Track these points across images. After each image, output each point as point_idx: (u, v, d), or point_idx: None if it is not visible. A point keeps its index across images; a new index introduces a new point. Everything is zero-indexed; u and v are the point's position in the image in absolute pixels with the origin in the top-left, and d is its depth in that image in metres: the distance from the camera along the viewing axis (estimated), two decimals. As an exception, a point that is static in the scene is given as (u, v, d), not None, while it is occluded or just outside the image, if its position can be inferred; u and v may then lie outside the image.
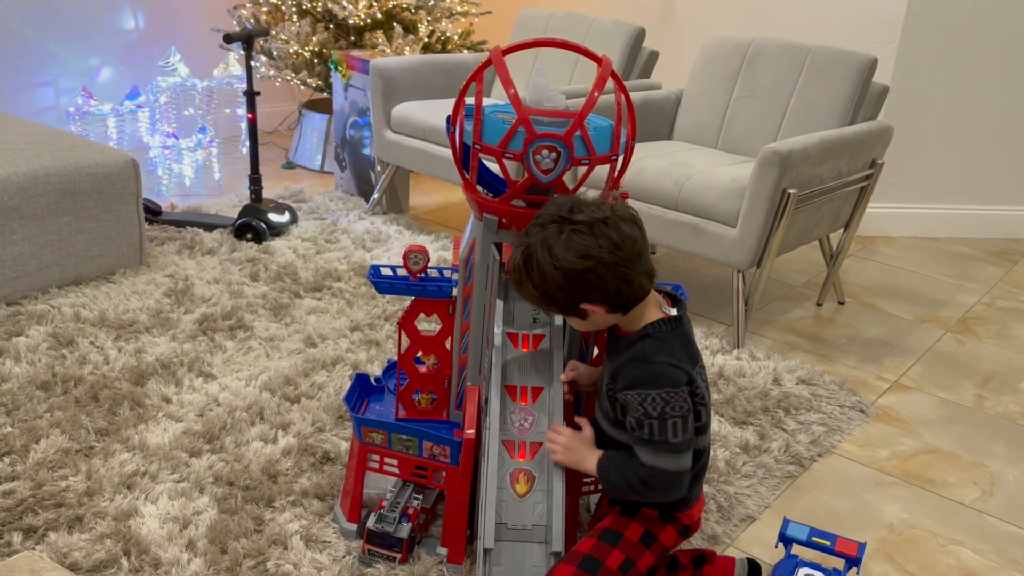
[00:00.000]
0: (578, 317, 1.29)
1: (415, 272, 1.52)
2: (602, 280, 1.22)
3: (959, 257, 3.45)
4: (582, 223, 1.23)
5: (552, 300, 1.27)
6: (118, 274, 2.60)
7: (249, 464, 1.76)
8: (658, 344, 1.27)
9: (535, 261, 1.24)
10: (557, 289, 1.24)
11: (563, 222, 1.24)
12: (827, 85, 2.70)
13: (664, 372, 1.25)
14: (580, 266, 1.22)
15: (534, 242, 1.25)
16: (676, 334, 1.29)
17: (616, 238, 1.23)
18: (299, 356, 2.22)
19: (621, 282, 1.23)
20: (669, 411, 1.24)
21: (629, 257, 1.23)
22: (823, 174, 2.44)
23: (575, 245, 1.22)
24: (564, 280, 1.23)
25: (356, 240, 3.05)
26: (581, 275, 1.22)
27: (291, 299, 2.54)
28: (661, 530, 1.36)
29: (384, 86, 3.19)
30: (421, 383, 1.59)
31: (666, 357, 1.26)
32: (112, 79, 3.94)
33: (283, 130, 4.56)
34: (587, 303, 1.25)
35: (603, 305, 1.25)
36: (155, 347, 2.21)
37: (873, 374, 2.44)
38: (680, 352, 1.28)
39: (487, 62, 1.37)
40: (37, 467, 1.70)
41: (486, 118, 1.34)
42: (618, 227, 1.24)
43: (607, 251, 1.22)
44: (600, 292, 1.24)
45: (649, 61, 3.27)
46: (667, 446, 1.25)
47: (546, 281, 1.24)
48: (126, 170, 2.56)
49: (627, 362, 1.28)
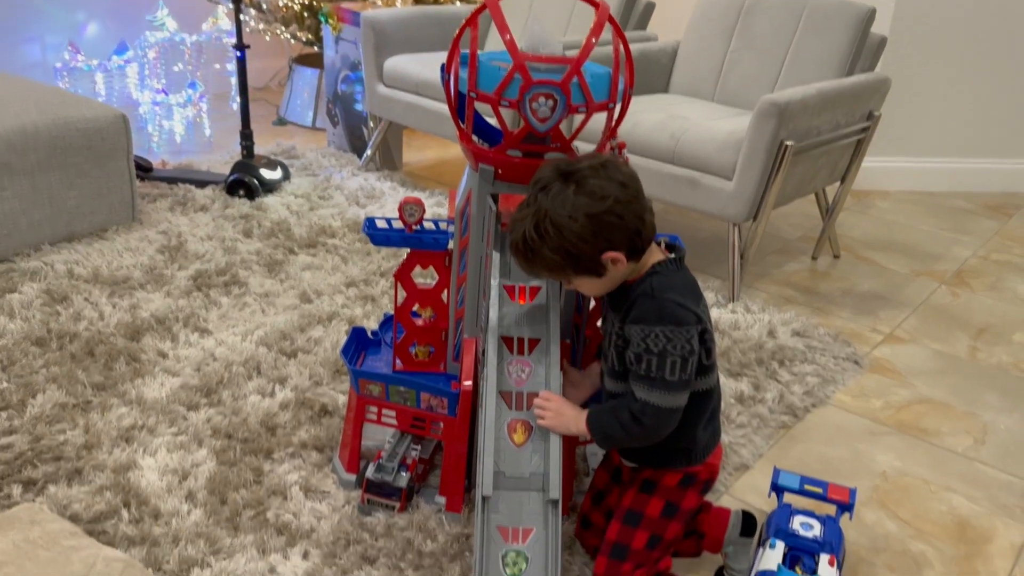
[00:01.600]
0: (596, 274, 1.26)
1: (411, 224, 1.51)
2: (622, 219, 1.21)
3: (955, 211, 3.44)
4: (586, 169, 1.22)
5: (574, 259, 1.23)
6: (110, 231, 2.58)
7: (247, 417, 1.77)
8: (665, 280, 1.27)
9: (549, 222, 1.21)
10: (580, 242, 1.21)
11: (565, 176, 1.22)
12: (825, 36, 2.67)
13: (671, 310, 1.24)
14: (599, 208, 1.20)
15: (542, 205, 1.22)
16: (681, 273, 1.29)
17: (621, 177, 1.22)
18: (295, 312, 2.21)
19: (637, 219, 1.22)
20: (670, 349, 1.23)
21: (637, 193, 1.23)
22: (820, 126, 2.42)
23: (588, 189, 1.20)
24: (585, 229, 1.20)
25: (350, 197, 3.03)
26: (601, 218, 1.20)
27: (285, 255, 2.53)
28: (682, 498, 1.38)
29: (376, 39, 3.15)
30: (418, 336, 1.58)
31: (673, 295, 1.25)
32: (99, 34, 3.87)
33: (273, 86, 4.50)
34: (611, 250, 1.22)
35: (624, 249, 1.23)
36: (150, 303, 2.20)
37: (868, 326, 2.45)
38: (686, 291, 1.28)
39: (482, 7, 1.34)
40: (35, 421, 1.70)
41: (482, 65, 1.32)
42: (618, 167, 1.23)
43: (617, 190, 1.21)
44: (622, 234, 1.22)
45: (645, 13, 3.22)
46: (663, 383, 1.24)
47: (565, 237, 1.21)
48: (116, 125, 2.53)
49: (637, 298, 1.28)
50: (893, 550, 1.61)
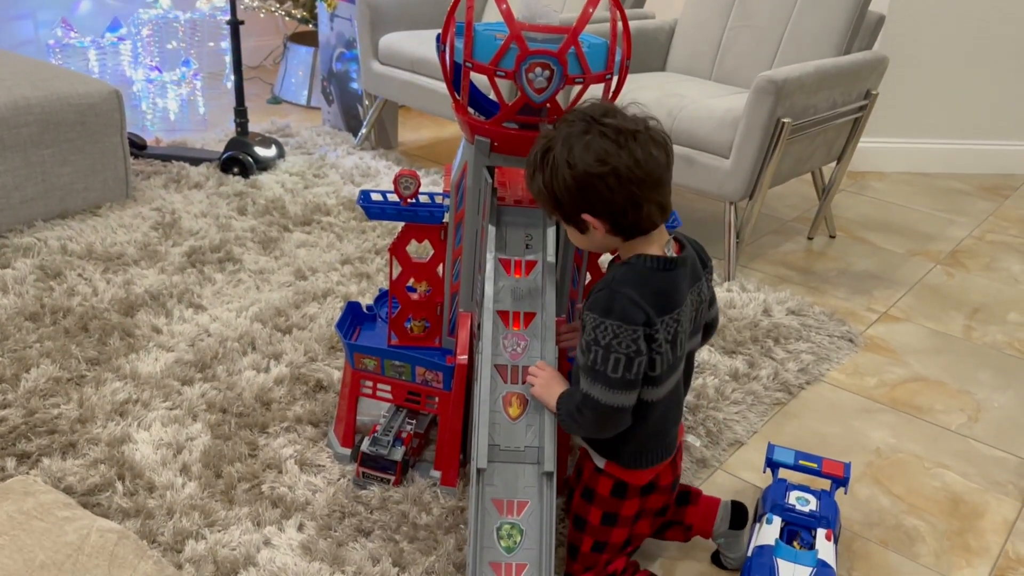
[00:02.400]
0: (577, 229, 1.24)
1: (406, 197, 1.50)
2: (611, 193, 1.17)
3: (951, 192, 3.44)
4: (610, 127, 1.17)
5: (557, 202, 1.21)
6: (104, 207, 2.56)
7: (242, 392, 1.77)
8: (631, 276, 1.21)
9: (552, 156, 1.19)
10: (564, 191, 1.19)
11: (591, 122, 1.18)
12: (822, 14, 2.66)
13: (621, 305, 1.19)
14: (594, 170, 1.16)
15: (556, 136, 1.20)
16: (658, 275, 1.21)
17: (640, 155, 1.16)
18: (289, 289, 2.21)
19: (629, 203, 1.17)
20: (615, 344, 1.18)
21: (646, 179, 1.17)
22: (817, 104, 2.42)
23: (595, 147, 1.16)
24: (573, 182, 1.17)
25: (345, 175, 3.02)
26: (591, 181, 1.17)
27: (280, 233, 2.52)
28: (619, 507, 1.34)
29: (371, 15, 3.12)
30: (413, 310, 1.58)
31: (631, 290, 1.19)
32: (92, 11, 3.83)
33: (268, 64, 4.47)
34: (590, 214, 1.19)
35: (605, 222, 1.20)
36: (144, 279, 2.19)
37: (863, 305, 2.45)
38: (650, 294, 1.20)
39: (478, -22, 1.33)
40: (28, 395, 1.70)
41: (477, 35, 1.31)
42: (646, 144, 1.17)
43: (625, 164, 1.16)
44: (605, 206, 1.18)
45: (642, -9, 3.20)
46: (604, 378, 1.20)
47: (556, 179, 1.19)
48: (109, 101, 2.51)
49: (600, 283, 1.26)
50: (886, 525, 1.62)
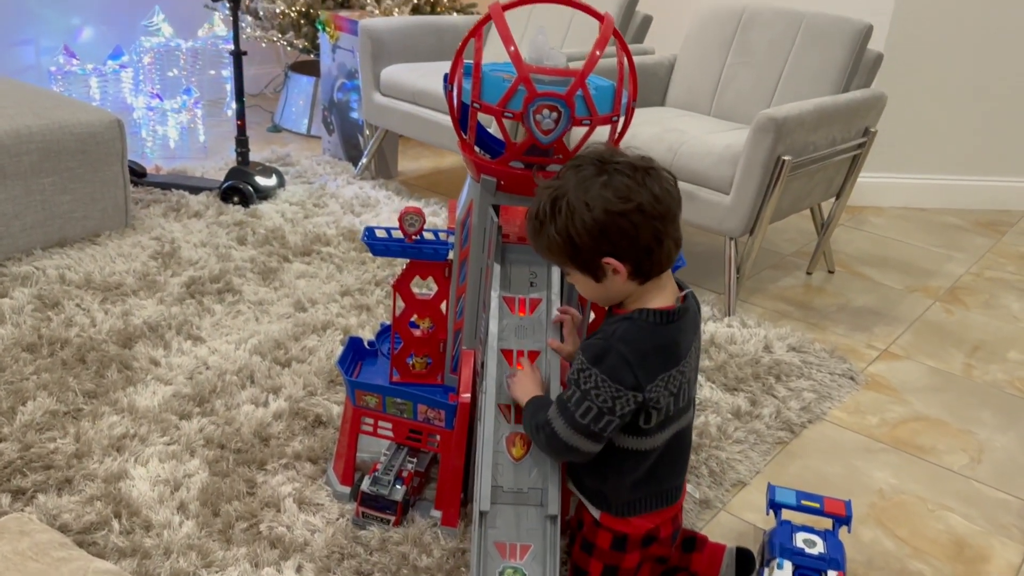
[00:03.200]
0: (593, 276, 1.20)
1: (411, 234, 1.50)
2: (636, 230, 1.14)
3: (948, 228, 3.46)
4: (624, 165, 1.16)
5: (574, 249, 1.17)
6: (103, 236, 2.56)
7: (240, 427, 1.75)
8: (631, 332, 1.19)
9: (565, 201, 1.16)
10: (585, 234, 1.15)
11: (602, 164, 1.17)
12: (822, 52, 2.68)
13: (612, 361, 1.17)
14: (617, 208, 1.13)
15: (566, 183, 1.17)
16: (661, 331, 1.20)
17: (658, 190, 1.15)
18: (289, 320, 2.19)
19: (653, 239, 1.16)
20: (593, 394, 1.18)
21: (666, 214, 1.16)
22: (817, 141, 2.43)
23: (616, 184, 1.14)
24: (595, 224, 1.14)
25: (345, 205, 3.02)
26: (615, 220, 1.14)
27: (280, 263, 2.51)
28: (620, 560, 1.32)
29: (373, 48, 3.14)
30: (416, 347, 1.57)
31: (627, 350, 1.17)
32: (94, 38, 3.85)
33: (268, 93, 4.49)
34: (613, 257, 1.16)
35: (628, 263, 1.17)
36: (142, 310, 2.18)
37: (863, 342, 2.45)
38: (650, 352, 1.18)
39: (486, 18, 1.34)
40: (24, 429, 1.68)
41: (485, 76, 1.32)
42: (660, 178, 1.17)
43: (647, 199, 1.14)
44: (630, 245, 1.15)
45: (642, 26, 3.23)
46: (571, 417, 1.20)
47: (574, 224, 1.15)
48: (111, 130, 2.51)
49: (599, 331, 1.24)
50: (891, 569, 1.60)
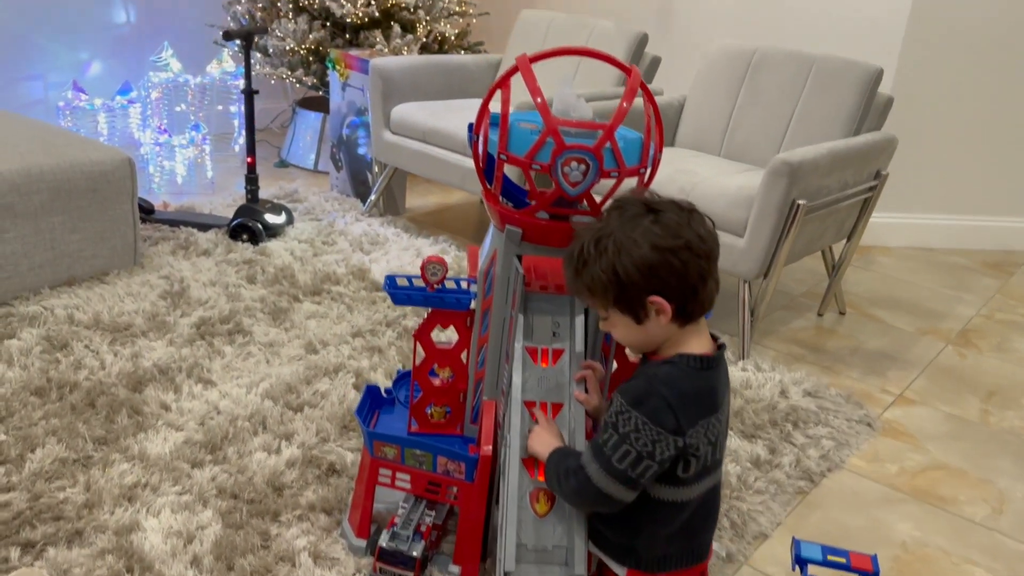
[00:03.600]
0: (635, 317, 1.18)
1: (433, 283, 1.48)
2: (685, 268, 1.14)
3: (955, 268, 3.45)
4: (670, 207, 1.17)
5: (620, 287, 1.15)
6: (112, 275, 2.54)
7: (253, 476, 1.72)
8: (675, 376, 1.18)
9: (612, 240, 1.16)
10: (634, 272, 1.14)
11: (647, 204, 1.18)
12: (832, 95, 2.69)
13: (654, 405, 1.15)
14: (668, 244, 1.13)
15: (610, 223, 1.17)
16: (702, 376, 1.19)
17: (703, 230, 1.17)
18: (300, 363, 2.17)
19: (699, 278, 1.15)
20: (633, 438, 1.15)
21: (710, 253, 1.17)
22: (830, 185, 2.43)
23: (664, 222, 1.15)
24: (644, 260, 1.14)
25: (354, 242, 3.01)
26: (665, 256, 1.14)
27: (290, 303, 2.49)
28: None
29: (384, 86, 3.15)
30: (435, 396, 1.55)
31: (669, 393, 1.15)
32: (103, 74, 3.86)
33: (275, 128, 4.49)
34: (659, 295, 1.15)
35: (674, 302, 1.16)
36: (152, 352, 2.15)
37: (877, 387, 2.43)
38: (691, 398, 1.17)
39: (514, 69, 1.33)
40: (34, 478, 1.65)
41: (512, 128, 1.31)
42: (703, 221, 1.18)
43: (694, 238, 1.15)
44: (678, 283, 1.15)
45: (651, 67, 3.24)
46: (607, 462, 1.17)
47: (622, 259, 1.14)
48: (122, 168, 2.50)
49: (639, 374, 1.23)
50: (918, 626, 1.57)
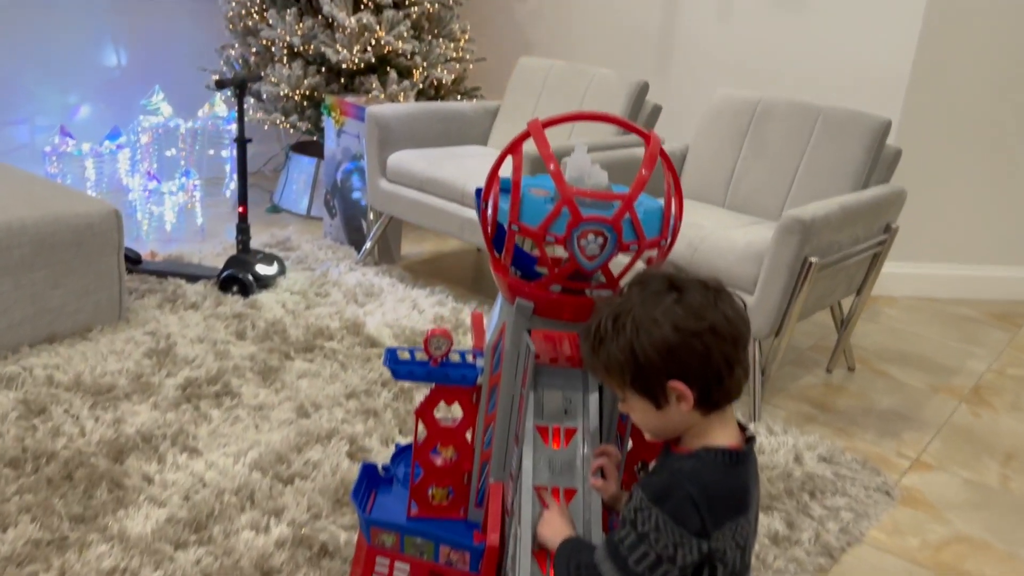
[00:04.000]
0: (654, 402, 1.09)
1: (436, 358, 1.38)
2: (708, 352, 1.05)
3: (962, 320, 3.38)
4: (696, 286, 1.08)
5: (638, 369, 1.07)
6: (95, 331, 2.43)
7: (240, 559, 1.60)
8: (700, 471, 1.08)
9: (631, 317, 1.07)
10: (653, 353, 1.05)
11: (671, 281, 1.09)
12: (840, 147, 2.63)
13: (677, 504, 1.05)
14: (690, 326, 1.05)
15: (630, 300, 1.09)
16: (728, 471, 1.09)
17: (730, 312, 1.08)
18: (291, 427, 2.06)
19: (724, 364, 1.06)
20: (653, 538, 1.05)
21: (738, 337, 1.07)
22: (841, 240, 2.36)
23: (688, 302, 1.06)
24: (664, 342, 1.05)
25: (348, 294, 2.91)
26: (687, 339, 1.05)
27: (281, 361, 2.38)
28: None
29: (380, 134, 3.08)
30: (437, 477, 1.44)
31: (695, 491, 1.05)
32: (91, 118, 3.78)
33: (267, 172, 4.41)
34: (680, 380, 1.06)
35: (696, 388, 1.06)
36: (135, 416, 2.04)
37: (893, 450, 2.34)
38: (719, 498, 1.06)
39: (525, 134, 1.25)
40: (4, 563, 1.53)
41: (525, 197, 1.23)
42: (732, 302, 1.09)
43: (720, 320, 1.06)
44: (700, 368, 1.06)
45: (652, 115, 3.19)
46: (623, 563, 1.07)
47: (640, 339, 1.06)
48: (108, 221, 2.41)
49: (661, 467, 1.14)
50: None
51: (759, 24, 3.56)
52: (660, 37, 3.86)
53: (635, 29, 3.91)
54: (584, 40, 4.06)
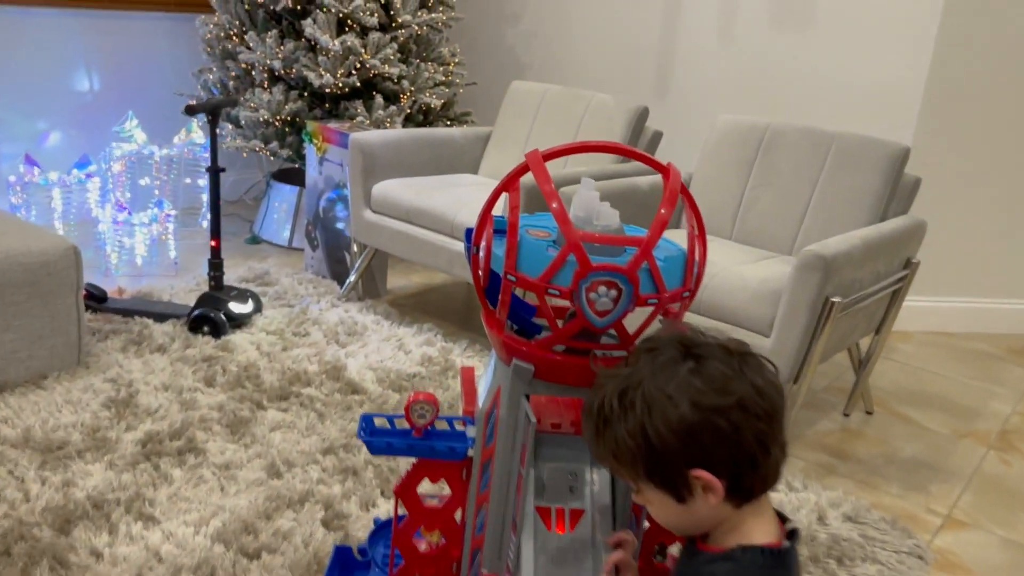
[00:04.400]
0: (675, 494, 0.90)
1: (420, 427, 1.19)
2: (737, 433, 0.87)
3: (980, 356, 3.20)
4: (717, 351, 0.90)
5: (653, 455, 0.88)
6: (51, 378, 2.22)
7: (195, 653, 1.39)
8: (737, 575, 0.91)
9: (640, 393, 0.88)
10: (669, 435, 0.87)
11: (686, 347, 0.91)
12: (855, 176, 2.46)
13: None
14: (712, 402, 0.86)
15: (639, 371, 0.90)
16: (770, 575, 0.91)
17: (760, 381, 0.89)
18: (260, 490, 1.85)
19: (757, 445, 0.88)
20: None
21: (772, 413, 0.89)
22: (863, 278, 2.18)
23: (708, 373, 0.88)
24: (682, 422, 0.86)
25: (328, 333, 2.71)
26: (709, 418, 0.86)
27: (252, 411, 2.18)
28: None
29: (364, 162, 2.89)
30: (420, 566, 1.24)
31: None
32: (61, 145, 3.59)
33: (248, 200, 4.22)
34: (705, 468, 0.88)
35: (725, 477, 0.88)
36: (87, 478, 1.83)
37: (921, 505, 2.15)
38: None
39: (523, 168, 1.07)
40: (-85, 665, 1.32)
41: (524, 242, 1.04)
42: (761, 367, 0.91)
43: (748, 393, 0.88)
44: (729, 452, 0.87)
45: (652, 142, 3.02)
46: None
47: (653, 421, 0.87)
48: (66, 258, 2.21)
49: (689, 571, 0.96)
50: None
51: (761, 45, 3.41)
52: (658, 59, 3.71)
53: (632, 51, 3.75)
54: (579, 63, 3.91)
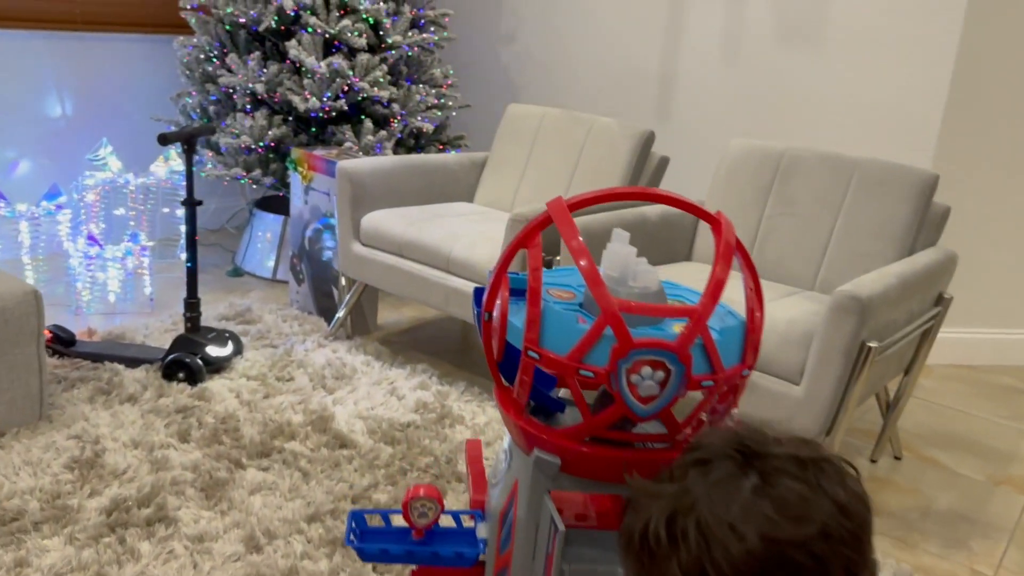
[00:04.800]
0: None
1: (421, 528, 0.99)
2: (823, 568, 0.69)
3: (1006, 391, 3.03)
4: (786, 460, 0.72)
5: None
6: (8, 435, 2.02)
7: None
8: None
9: (694, 521, 0.70)
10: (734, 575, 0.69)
11: (748, 458, 0.72)
12: (881, 205, 2.29)
13: None
14: (791, 534, 0.69)
15: (693, 491, 0.72)
16: None
17: (843, 496, 0.72)
18: (237, 566, 1.65)
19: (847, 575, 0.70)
20: None
21: (859, 533, 0.72)
22: (898, 318, 2.00)
23: (780, 495, 0.70)
24: (751, 559, 0.68)
25: (315, 377, 2.51)
26: (787, 553, 0.68)
27: (230, 471, 1.97)
28: None
29: (353, 192, 2.71)
30: None
31: None
32: (30, 174, 3.40)
33: (230, 228, 4.02)
34: None
35: None
36: (43, 556, 1.62)
37: (965, 565, 1.96)
38: None
39: (544, 219, 0.89)
40: None
41: (548, 311, 0.85)
42: (841, 475, 0.73)
43: (831, 515, 0.70)
44: None
45: (659, 168, 2.85)
46: None
47: (714, 558, 0.69)
48: (25, 304, 2.01)
49: None
50: None
51: (768, 65, 3.25)
52: (660, 80, 3.55)
53: (632, 71, 3.59)
54: (578, 84, 3.75)
